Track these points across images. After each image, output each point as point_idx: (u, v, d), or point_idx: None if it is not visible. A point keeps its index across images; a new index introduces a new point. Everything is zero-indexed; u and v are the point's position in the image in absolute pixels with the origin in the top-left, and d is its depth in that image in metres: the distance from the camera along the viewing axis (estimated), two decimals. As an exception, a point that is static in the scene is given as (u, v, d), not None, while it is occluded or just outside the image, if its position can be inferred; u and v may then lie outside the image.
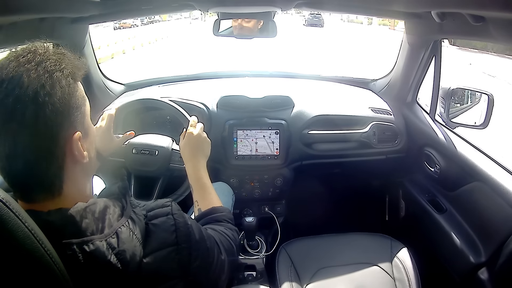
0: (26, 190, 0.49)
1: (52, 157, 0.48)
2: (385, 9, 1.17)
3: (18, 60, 0.47)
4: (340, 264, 1.10)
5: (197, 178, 0.86)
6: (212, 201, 0.82)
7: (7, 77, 0.46)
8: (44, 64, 0.47)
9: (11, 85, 0.45)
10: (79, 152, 0.51)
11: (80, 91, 0.53)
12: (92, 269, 0.46)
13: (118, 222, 0.50)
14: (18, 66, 0.46)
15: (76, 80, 0.52)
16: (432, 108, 1.29)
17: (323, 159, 1.39)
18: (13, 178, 0.48)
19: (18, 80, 0.45)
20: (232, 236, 0.73)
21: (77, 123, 0.51)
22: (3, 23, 0.79)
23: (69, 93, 0.49)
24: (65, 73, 0.49)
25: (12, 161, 0.47)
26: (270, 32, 1.23)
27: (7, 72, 0.46)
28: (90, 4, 0.99)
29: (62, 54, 0.51)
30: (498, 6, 0.71)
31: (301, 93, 1.45)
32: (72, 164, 0.51)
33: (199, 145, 0.91)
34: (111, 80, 1.56)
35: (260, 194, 1.38)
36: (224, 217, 0.78)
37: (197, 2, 1.10)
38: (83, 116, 0.53)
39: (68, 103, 0.49)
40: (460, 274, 1.06)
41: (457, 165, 1.13)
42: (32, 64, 0.47)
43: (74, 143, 0.50)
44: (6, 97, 0.45)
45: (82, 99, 0.53)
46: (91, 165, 0.57)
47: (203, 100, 1.38)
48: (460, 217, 1.12)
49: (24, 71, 0.46)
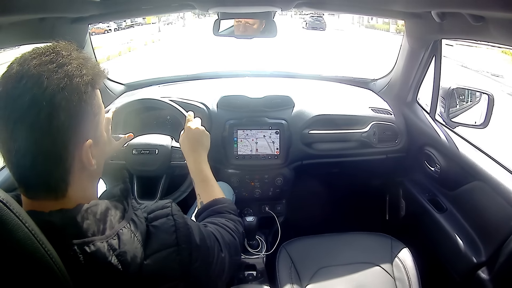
0: (30, 187, 0.49)
1: (60, 160, 0.48)
2: (385, 9, 1.17)
3: (41, 58, 0.47)
4: (341, 264, 1.10)
5: (198, 171, 0.86)
6: (214, 193, 0.82)
7: (27, 74, 0.46)
8: (66, 67, 0.47)
9: (30, 83, 0.45)
10: (88, 160, 0.50)
11: (97, 99, 0.52)
12: (92, 270, 0.45)
13: (120, 223, 0.50)
14: (40, 65, 0.46)
15: (95, 88, 0.52)
16: (432, 107, 1.29)
17: (323, 159, 1.39)
18: (19, 174, 0.48)
19: (37, 79, 0.45)
20: (234, 228, 0.72)
21: (90, 131, 0.51)
22: (3, 23, 0.79)
23: (85, 101, 0.49)
24: (85, 80, 0.49)
25: (20, 157, 0.47)
26: (270, 32, 1.23)
27: (28, 68, 0.46)
28: (90, 4, 0.99)
29: (84, 59, 0.51)
30: (498, 6, 0.71)
31: (301, 93, 1.45)
32: (79, 169, 0.51)
33: (198, 138, 0.91)
34: (111, 80, 1.56)
35: (261, 193, 1.38)
36: (226, 208, 0.78)
37: (197, 2, 1.09)
38: (97, 124, 0.53)
39: (84, 110, 0.49)
40: (460, 273, 1.06)
41: (457, 165, 1.13)
42: (54, 65, 0.47)
43: (84, 150, 0.50)
44: (23, 94, 0.45)
45: (98, 108, 0.53)
46: (98, 171, 0.57)
47: (203, 100, 1.38)
48: (461, 217, 1.12)
49: (45, 71, 0.46)
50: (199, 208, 0.81)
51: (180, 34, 18.69)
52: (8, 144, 0.47)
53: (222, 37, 1.28)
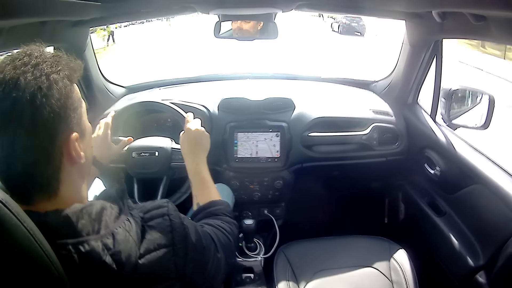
0: (24, 191, 0.49)
1: (49, 157, 0.49)
2: (385, 9, 1.17)
3: (14, 63, 0.48)
4: (338, 267, 1.10)
5: (196, 172, 0.86)
6: (210, 195, 0.82)
7: (3, 80, 0.46)
8: (40, 66, 0.48)
9: (8, 88, 0.46)
10: (76, 153, 0.51)
11: (76, 93, 0.53)
12: (87, 270, 0.46)
13: (115, 223, 0.50)
14: (15, 69, 0.47)
15: (73, 82, 0.52)
16: (433, 109, 1.28)
17: (323, 162, 1.38)
18: (11, 179, 0.49)
19: (15, 82, 0.46)
20: (229, 230, 0.72)
21: (74, 124, 0.51)
22: (3, 27, 0.80)
23: (65, 95, 0.49)
24: (62, 75, 0.49)
25: (10, 162, 0.47)
26: (270, 33, 1.23)
27: (3, 75, 0.47)
28: (91, 7, 0.99)
29: (58, 56, 0.52)
30: (499, 5, 0.70)
31: (302, 95, 1.45)
32: (69, 165, 0.51)
33: (197, 139, 0.91)
34: (112, 82, 1.57)
35: (260, 196, 1.38)
36: (223, 210, 0.78)
37: (198, 4, 1.10)
38: (79, 117, 0.53)
39: (65, 104, 0.49)
40: (459, 277, 1.06)
41: (457, 168, 1.12)
42: (28, 66, 0.47)
43: (71, 143, 0.51)
44: (3, 99, 0.46)
45: (78, 101, 0.53)
46: (87, 166, 0.57)
47: (204, 102, 1.38)
48: (459, 220, 1.12)
49: (21, 73, 0.46)
50: (194, 209, 0.81)
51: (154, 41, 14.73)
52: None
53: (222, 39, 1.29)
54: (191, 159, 0.88)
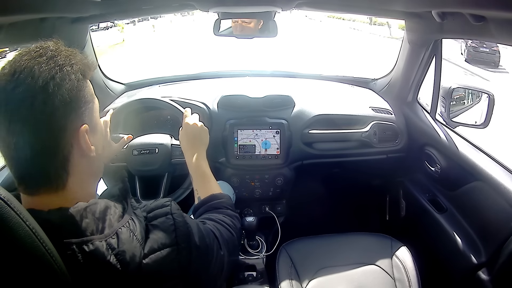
0: (31, 180, 0.50)
1: (59, 147, 0.49)
2: (385, 9, 1.17)
3: (30, 54, 0.49)
4: (341, 264, 1.10)
5: (196, 167, 0.86)
6: (211, 189, 0.82)
7: (19, 68, 0.48)
8: (55, 58, 0.50)
9: (23, 76, 0.47)
10: (86, 145, 0.52)
11: (89, 88, 0.55)
12: (91, 269, 0.46)
13: (119, 223, 0.50)
14: (30, 60, 0.48)
15: (86, 77, 0.54)
16: (432, 107, 1.29)
17: (323, 159, 1.39)
18: (20, 167, 0.49)
19: (29, 71, 0.47)
20: (231, 223, 0.72)
21: (85, 116, 0.52)
22: (3, 23, 0.79)
23: (78, 87, 0.51)
24: (75, 69, 0.51)
25: (19, 149, 0.48)
26: (270, 31, 1.23)
27: (19, 64, 0.48)
28: (91, 4, 0.99)
29: (73, 52, 0.53)
30: (498, 5, 0.71)
31: (301, 92, 1.45)
32: (79, 157, 0.52)
33: (196, 133, 0.91)
34: (111, 79, 1.56)
35: (261, 193, 1.38)
36: (224, 203, 0.78)
37: (198, 1, 1.10)
38: (91, 111, 0.54)
39: (77, 96, 0.51)
40: (460, 274, 1.06)
41: (458, 165, 1.12)
42: (44, 58, 0.49)
43: (81, 135, 0.51)
44: (17, 86, 0.47)
45: (91, 96, 0.55)
46: (98, 162, 0.58)
47: (203, 100, 1.38)
48: (461, 217, 1.12)
49: (36, 63, 0.48)
50: (196, 204, 0.81)
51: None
52: (7, 140, 0.48)
53: (222, 37, 1.28)
54: (191, 153, 0.89)
